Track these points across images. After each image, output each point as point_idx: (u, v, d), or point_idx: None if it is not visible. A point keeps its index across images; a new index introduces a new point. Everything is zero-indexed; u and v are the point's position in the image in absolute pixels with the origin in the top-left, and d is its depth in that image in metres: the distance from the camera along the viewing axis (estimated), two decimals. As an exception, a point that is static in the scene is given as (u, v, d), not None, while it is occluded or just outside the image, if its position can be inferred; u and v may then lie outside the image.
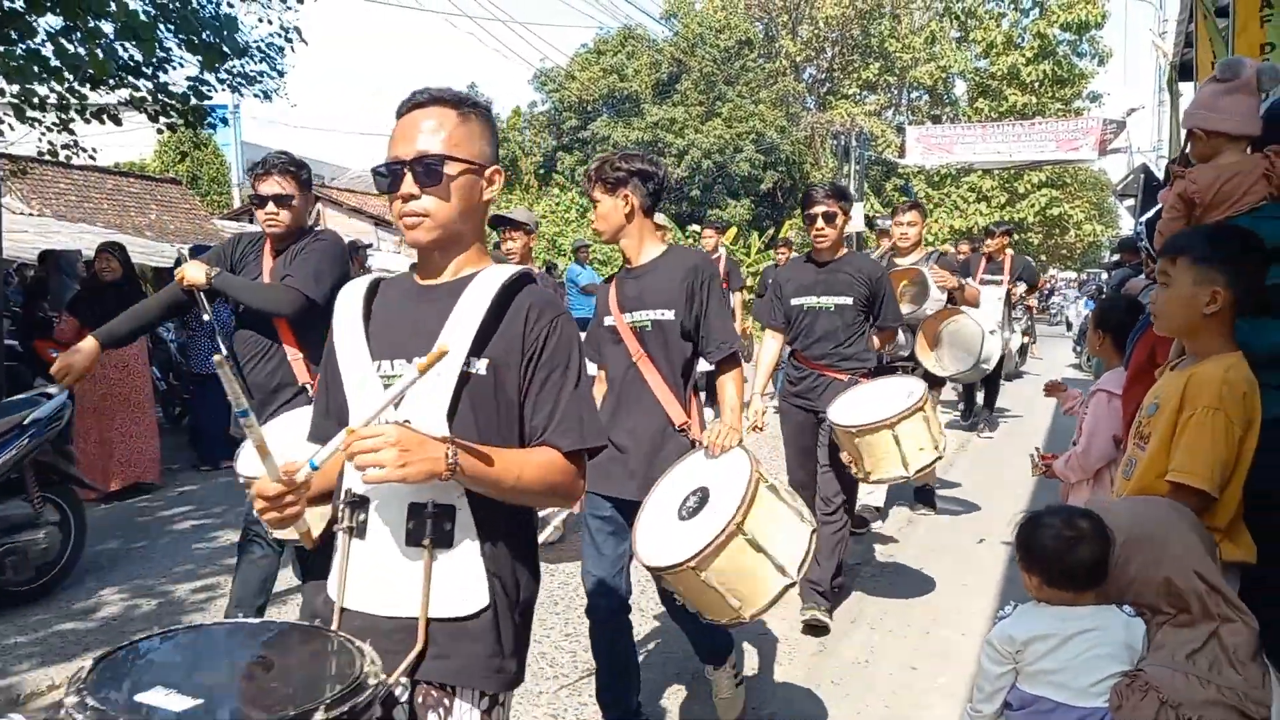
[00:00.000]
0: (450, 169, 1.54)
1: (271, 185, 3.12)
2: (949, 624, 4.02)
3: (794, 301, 4.12)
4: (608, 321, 2.94)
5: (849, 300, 4.04)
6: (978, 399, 9.04)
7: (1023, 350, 11.52)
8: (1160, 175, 11.37)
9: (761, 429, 4.06)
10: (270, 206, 3.11)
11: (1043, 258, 35.19)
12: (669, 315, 2.82)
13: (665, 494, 2.65)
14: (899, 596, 4.39)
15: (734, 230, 20.39)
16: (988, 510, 5.96)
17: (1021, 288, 8.97)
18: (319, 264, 3.09)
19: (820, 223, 3.97)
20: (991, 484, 6.73)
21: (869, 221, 28.09)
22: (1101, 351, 3.40)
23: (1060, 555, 1.83)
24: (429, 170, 1.52)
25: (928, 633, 3.94)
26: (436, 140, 1.54)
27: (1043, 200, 27.47)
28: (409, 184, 1.52)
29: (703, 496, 2.51)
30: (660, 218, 4.77)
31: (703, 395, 3.61)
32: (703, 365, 2.98)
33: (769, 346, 4.31)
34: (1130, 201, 13.60)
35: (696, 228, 24.57)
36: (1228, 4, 5.14)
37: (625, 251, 2.91)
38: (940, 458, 3.66)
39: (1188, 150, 2.63)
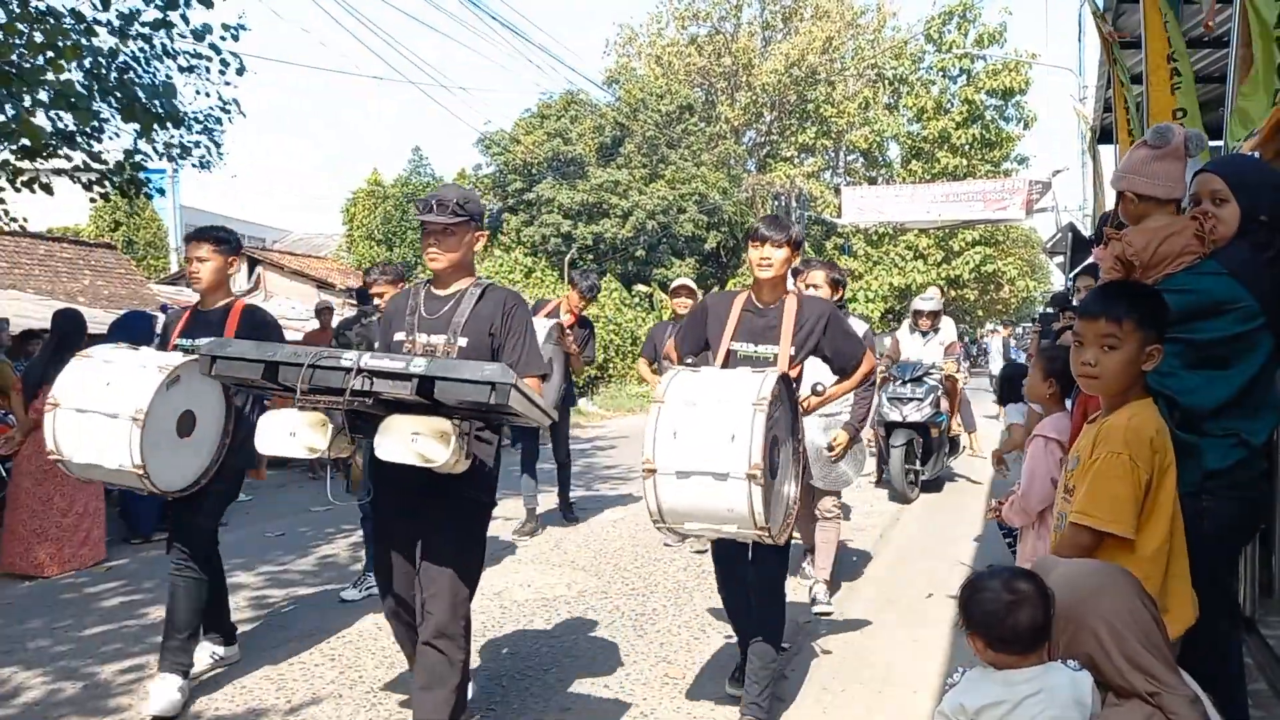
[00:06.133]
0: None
1: None
2: (902, 682, 4.01)
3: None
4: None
5: None
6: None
7: (954, 444, 9.36)
8: (1086, 233, 11.84)
9: None
10: None
11: (979, 313, 36.16)
12: None
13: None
14: (850, 654, 4.37)
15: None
16: (936, 563, 6.00)
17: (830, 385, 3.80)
18: None
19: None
20: (940, 536, 6.79)
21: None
22: (1049, 400, 3.47)
23: (1001, 619, 1.81)
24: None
25: (880, 691, 3.92)
26: None
27: (977, 258, 28.31)
28: None
29: None
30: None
31: None
32: None
33: None
34: (1060, 258, 14.13)
35: (643, 287, 24.86)
36: (1141, 72, 5.43)
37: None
38: None
39: (1118, 211, 2.74)
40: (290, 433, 2.64)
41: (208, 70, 7.46)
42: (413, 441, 2.54)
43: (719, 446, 2.72)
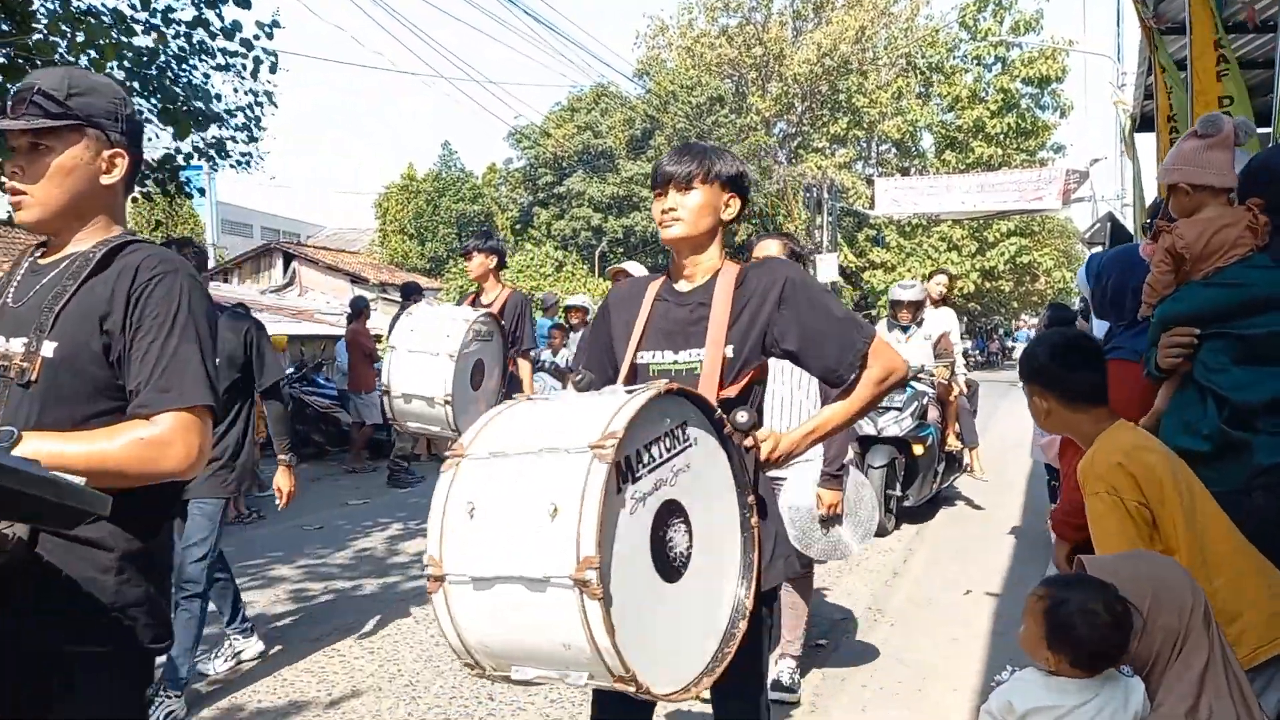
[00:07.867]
0: None
1: None
2: (941, 680, 3.97)
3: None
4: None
5: None
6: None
7: (952, 461, 7.74)
8: (1125, 222, 11.65)
9: None
10: None
11: (1014, 304, 35.73)
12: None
13: None
14: (888, 654, 4.34)
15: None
16: (971, 562, 5.94)
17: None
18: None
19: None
20: (974, 535, 6.71)
21: (842, 271, 28.47)
22: None
23: (1103, 643, 1.75)
24: None
25: (919, 690, 3.88)
26: None
27: (1012, 248, 27.98)
28: None
29: None
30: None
31: None
32: None
33: None
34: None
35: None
36: (1184, 57, 5.32)
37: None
38: None
39: (1169, 205, 2.67)
40: None
41: (243, 67, 7.53)
42: None
43: (532, 528, 1.48)
